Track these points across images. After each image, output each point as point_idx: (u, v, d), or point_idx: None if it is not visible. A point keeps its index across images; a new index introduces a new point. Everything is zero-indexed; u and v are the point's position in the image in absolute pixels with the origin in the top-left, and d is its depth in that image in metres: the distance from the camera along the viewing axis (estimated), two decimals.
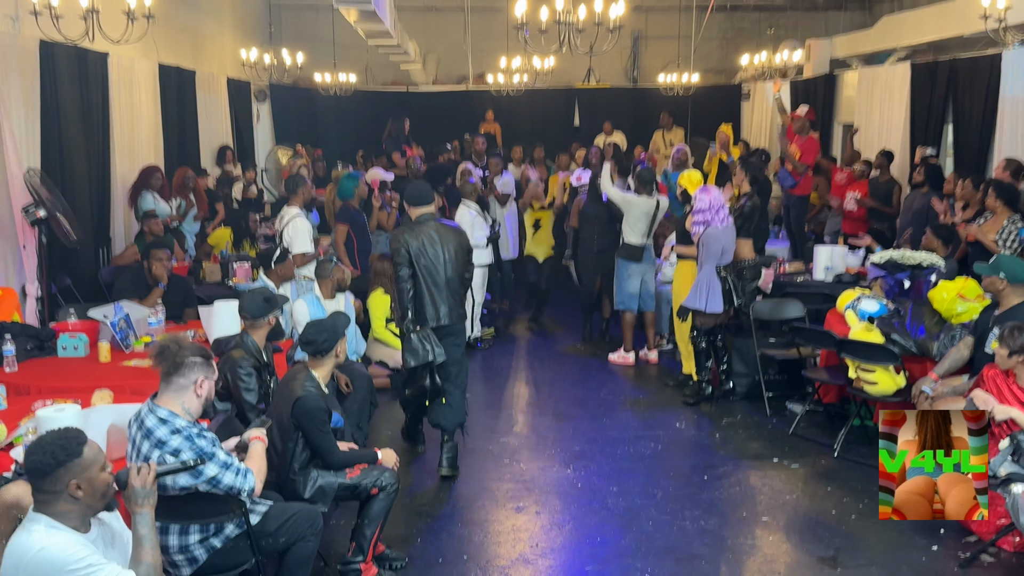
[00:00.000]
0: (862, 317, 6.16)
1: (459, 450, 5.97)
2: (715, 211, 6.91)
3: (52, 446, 2.87)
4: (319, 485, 4.43)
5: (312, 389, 4.48)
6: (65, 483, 2.85)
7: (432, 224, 5.92)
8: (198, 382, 3.71)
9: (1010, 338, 4.70)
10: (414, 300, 5.80)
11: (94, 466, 2.88)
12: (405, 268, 5.77)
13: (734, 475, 5.91)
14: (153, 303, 6.82)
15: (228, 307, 6.08)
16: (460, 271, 5.95)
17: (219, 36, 13.62)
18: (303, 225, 7.64)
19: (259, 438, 4.06)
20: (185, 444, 3.65)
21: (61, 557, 2.77)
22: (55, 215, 7.23)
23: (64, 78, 7.95)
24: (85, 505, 2.90)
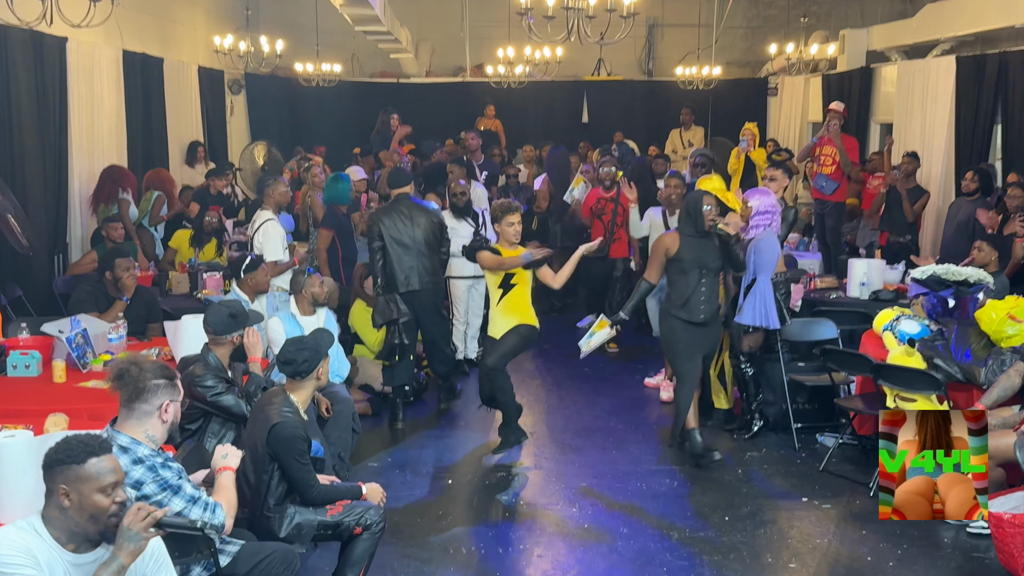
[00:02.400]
0: (902, 339, 6.15)
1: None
2: (775, 213, 6.88)
3: (64, 445, 2.95)
4: (296, 523, 4.41)
5: (290, 415, 4.45)
6: (56, 484, 2.90)
7: (405, 202, 7.68)
8: (163, 407, 3.71)
9: None
10: (383, 268, 7.44)
11: (90, 483, 2.89)
12: (376, 241, 7.46)
13: (758, 516, 5.88)
14: (114, 317, 6.80)
15: (197, 322, 6.07)
16: (430, 243, 7.58)
17: (190, 21, 13.65)
18: (275, 230, 7.66)
19: (228, 468, 4.05)
20: (148, 475, 3.65)
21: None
22: (5, 218, 7.23)
23: (18, 65, 7.97)
24: (72, 520, 2.91)
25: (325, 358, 4.69)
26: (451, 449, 7.11)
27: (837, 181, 10.48)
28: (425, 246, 7.53)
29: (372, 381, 7.75)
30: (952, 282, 6.74)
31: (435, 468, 6.67)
